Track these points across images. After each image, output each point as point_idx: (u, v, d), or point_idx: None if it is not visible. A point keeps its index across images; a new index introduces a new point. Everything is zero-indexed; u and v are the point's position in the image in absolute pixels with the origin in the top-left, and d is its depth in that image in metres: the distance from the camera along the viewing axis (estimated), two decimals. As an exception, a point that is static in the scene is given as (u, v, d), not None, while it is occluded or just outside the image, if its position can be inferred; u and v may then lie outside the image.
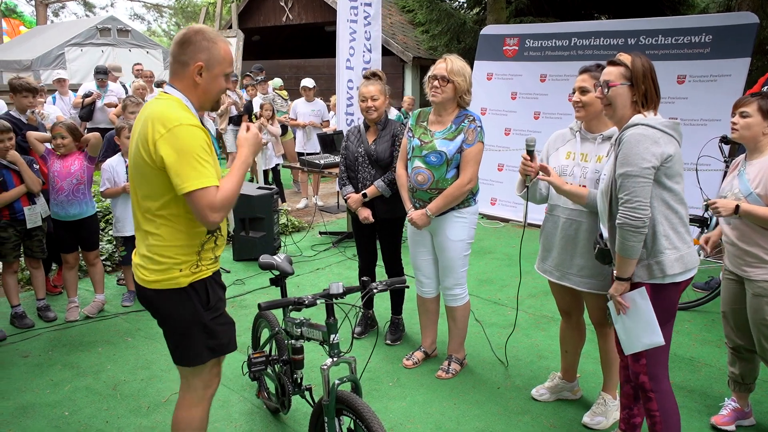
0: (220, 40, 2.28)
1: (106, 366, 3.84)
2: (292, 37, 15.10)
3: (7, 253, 4.33)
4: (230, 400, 3.44)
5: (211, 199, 2.12)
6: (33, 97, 4.91)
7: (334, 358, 2.44)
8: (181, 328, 2.33)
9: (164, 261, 2.25)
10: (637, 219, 2.35)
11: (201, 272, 2.32)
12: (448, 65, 3.32)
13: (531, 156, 2.95)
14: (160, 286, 2.27)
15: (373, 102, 3.83)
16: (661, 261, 2.43)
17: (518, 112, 7.83)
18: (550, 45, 7.63)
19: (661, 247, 2.43)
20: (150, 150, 2.13)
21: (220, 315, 2.42)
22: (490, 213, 7.75)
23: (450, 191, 3.37)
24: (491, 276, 5.54)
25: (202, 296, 2.32)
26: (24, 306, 4.54)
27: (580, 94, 2.88)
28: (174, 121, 2.12)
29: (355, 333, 4.23)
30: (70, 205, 4.45)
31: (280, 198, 8.28)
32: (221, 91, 2.35)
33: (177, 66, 2.26)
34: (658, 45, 6.69)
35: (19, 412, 3.32)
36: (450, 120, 3.42)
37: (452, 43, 10.70)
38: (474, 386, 3.57)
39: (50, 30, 15.20)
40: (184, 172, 2.10)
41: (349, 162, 4.05)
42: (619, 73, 2.46)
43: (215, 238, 2.37)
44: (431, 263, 3.68)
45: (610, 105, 2.50)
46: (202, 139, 2.16)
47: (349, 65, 7.44)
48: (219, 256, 2.44)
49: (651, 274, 2.46)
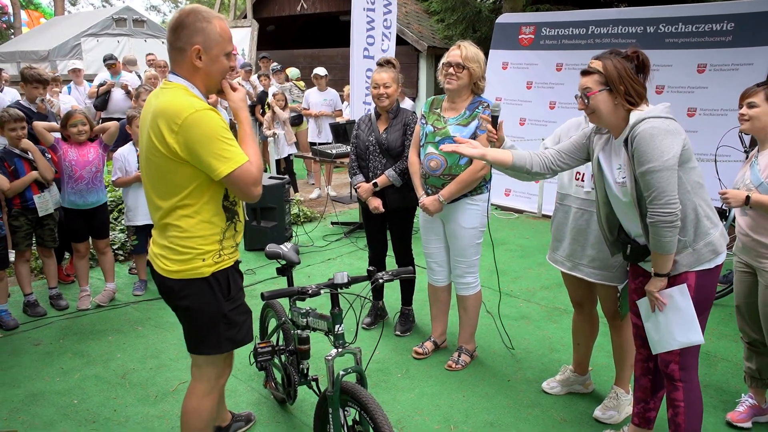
0: (214, 18, 2.19)
1: (116, 355, 3.85)
2: (306, 27, 15.04)
3: (20, 242, 4.35)
4: (238, 389, 3.42)
5: (251, 174, 2.14)
6: (43, 88, 4.93)
7: (338, 349, 2.40)
8: (202, 317, 2.30)
9: (187, 251, 2.21)
10: (670, 214, 2.24)
11: (223, 261, 2.29)
12: (462, 52, 3.26)
13: (495, 123, 2.76)
14: (183, 275, 2.24)
15: (386, 89, 3.78)
16: (711, 242, 2.36)
17: (533, 101, 7.72)
18: (566, 33, 7.50)
19: (705, 228, 2.36)
20: (169, 144, 2.08)
21: (240, 305, 2.39)
22: (504, 204, 7.67)
23: (463, 177, 3.31)
24: (504, 267, 5.46)
25: (223, 286, 2.30)
26: (36, 294, 4.57)
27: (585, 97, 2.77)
28: (187, 110, 2.06)
29: (365, 324, 4.21)
30: (89, 193, 4.47)
31: (292, 188, 8.28)
32: (225, 71, 2.25)
33: (175, 53, 2.19)
34: (677, 33, 6.54)
35: (30, 400, 3.33)
36: (464, 106, 3.37)
37: (467, 32, 10.58)
38: (484, 378, 3.52)
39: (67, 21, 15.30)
40: (215, 156, 2.07)
41: (359, 151, 4.01)
42: (594, 80, 2.40)
43: (234, 224, 2.34)
44: (443, 251, 3.63)
45: (594, 113, 2.43)
46: (219, 121, 2.11)
47: (368, 54, 7.38)
48: (239, 244, 2.41)
49: (700, 258, 2.36)
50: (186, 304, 2.28)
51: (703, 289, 2.40)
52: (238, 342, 2.39)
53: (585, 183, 2.92)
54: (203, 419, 2.43)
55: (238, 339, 2.38)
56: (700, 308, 2.40)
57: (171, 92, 2.16)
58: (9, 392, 3.41)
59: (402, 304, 4.23)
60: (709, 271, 2.39)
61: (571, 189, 2.98)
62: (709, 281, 2.42)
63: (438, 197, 3.38)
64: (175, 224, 2.19)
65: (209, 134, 2.06)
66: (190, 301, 2.27)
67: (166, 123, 2.07)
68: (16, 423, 3.11)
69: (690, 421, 2.48)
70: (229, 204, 2.29)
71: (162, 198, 2.20)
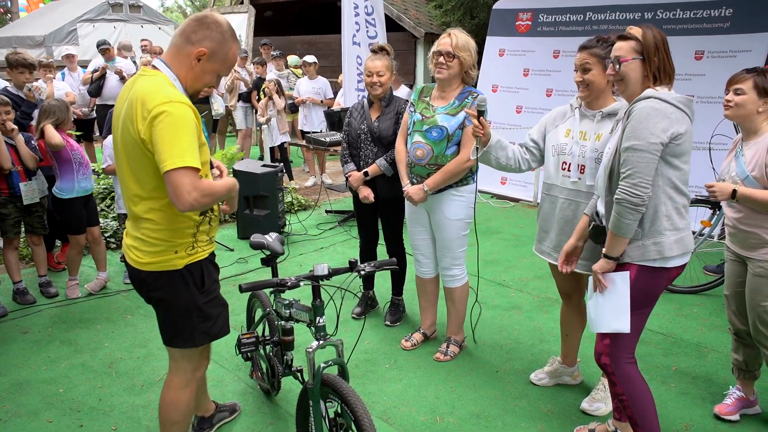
0: (233, 42, 2.22)
1: (104, 343, 3.84)
2: (304, 13, 14.89)
3: (8, 230, 4.33)
4: (224, 379, 3.41)
5: (191, 181, 1.98)
6: (30, 72, 4.87)
7: (320, 341, 2.38)
8: (175, 310, 2.29)
9: (159, 243, 2.19)
10: (637, 196, 2.24)
11: (197, 254, 2.27)
12: (453, 40, 3.20)
13: (481, 117, 2.83)
14: (155, 268, 2.22)
15: (379, 77, 3.72)
16: (660, 242, 2.33)
17: (530, 89, 7.64)
18: (564, 20, 7.41)
19: (661, 227, 2.33)
20: (139, 131, 2.03)
21: (215, 297, 2.38)
22: (499, 192, 7.63)
23: (449, 167, 3.27)
24: (497, 257, 5.44)
25: (197, 278, 2.28)
26: (26, 282, 4.55)
27: (582, 72, 2.74)
28: (161, 99, 2.01)
29: (355, 313, 4.19)
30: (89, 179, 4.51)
31: (287, 176, 8.23)
32: (208, 85, 2.28)
33: (181, 41, 2.16)
34: (675, 19, 6.46)
35: (15, 389, 3.32)
36: (453, 96, 3.32)
37: (465, 19, 10.45)
38: (472, 369, 3.51)
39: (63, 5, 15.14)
40: (168, 149, 1.98)
41: (351, 139, 3.96)
42: (630, 47, 2.33)
43: (209, 219, 2.32)
44: (429, 242, 3.60)
45: (622, 80, 2.37)
46: (190, 119, 2.05)
47: (356, 41, 7.31)
48: (214, 237, 2.39)
49: (645, 255, 2.35)
50: (159, 296, 2.27)
51: (641, 284, 2.38)
52: (213, 335, 2.37)
53: (571, 173, 2.87)
54: (180, 411, 2.42)
55: (213, 332, 2.36)
56: (636, 303, 2.39)
57: (150, 80, 2.11)
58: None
59: (392, 294, 4.21)
60: (654, 270, 2.37)
61: (558, 179, 2.93)
62: (650, 279, 2.39)
63: (423, 186, 3.34)
64: (147, 217, 2.16)
65: (173, 126, 1.99)
66: (163, 293, 2.26)
67: (140, 110, 2.03)
68: (0, 412, 3.10)
69: (640, 414, 2.47)
70: None
71: (134, 189, 2.16)
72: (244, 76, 9.15)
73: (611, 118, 2.76)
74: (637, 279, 2.38)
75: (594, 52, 2.68)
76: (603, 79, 2.71)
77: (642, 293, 2.39)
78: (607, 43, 2.70)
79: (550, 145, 2.96)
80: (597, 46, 2.70)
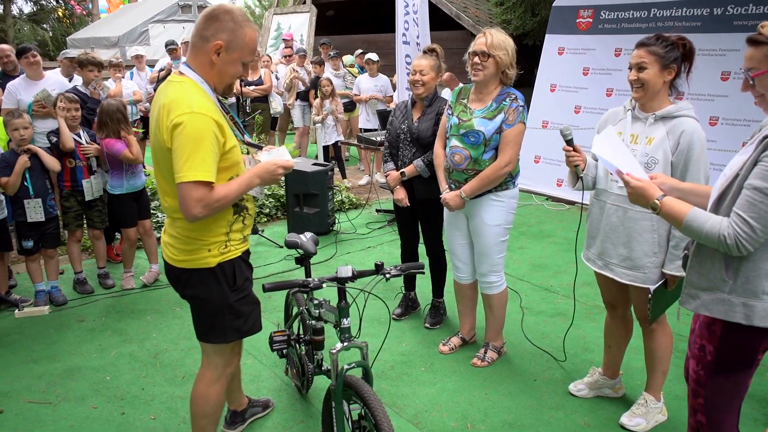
0: (247, 26, 2.20)
1: (152, 334, 3.99)
2: (365, 12, 14.99)
3: (70, 222, 4.57)
4: (261, 375, 3.47)
5: (198, 195, 2.05)
6: (98, 71, 5.13)
7: (344, 343, 2.38)
8: (207, 307, 2.34)
9: (193, 241, 2.25)
10: (745, 248, 1.84)
11: (230, 252, 2.32)
12: (488, 39, 3.14)
13: (571, 145, 2.75)
14: (189, 265, 2.28)
15: (422, 76, 3.69)
16: (752, 306, 1.90)
17: (590, 88, 7.40)
18: (626, 17, 7.12)
19: (758, 289, 1.89)
20: (164, 139, 2.11)
21: (247, 296, 2.41)
22: (555, 194, 7.43)
23: (486, 173, 3.21)
24: (546, 261, 5.30)
25: (229, 276, 2.32)
26: (86, 273, 4.78)
27: (637, 71, 2.61)
28: (183, 109, 2.06)
29: (395, 314, 4.18)
30: (139, 177, 4.69)
31: (340, 174, 8.31)
32: (236, 77, 2.28)
33: (198, 40, 2.20)
34: (747, 15, 6.09)
35: (67, 374, 3.50)
36: (491, 98, 3.25)
37: (527, 16, 10.25)
38: (509, 376, 3.43)
39: (138, 8, 15.86)
40: (183, 160, 2.05)
41: (391, 138, 3.96)
42: (763, 55, 1.84)
43: (243, 218, 2.36)
44: (467, 248, 3.54)
45: (762, 96, 1.91)
46: (208, 130, 2.08)
47: (405, 40, 7.28)
48: (247, 236, 2.43)
49: (728, 314, 1.94)
50: (192, 293, 2.33)
51: (737, 341, 1.97)
52: (243, 332, 2.41)
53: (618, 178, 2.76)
54: (211, 405, 2.47)
55: (244, 329, 2.40)
56: (728, 363, 2.01)
57: (178, 86, 2.16)
58: (49, 366, 3.59)
59: (433, 296, 4.17)
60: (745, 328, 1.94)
61: (606, 184, 2.83)
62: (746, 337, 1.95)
63: (460, 193, 3.28)
64: (180, 216, 2.21)
65: (191, 138, 2.04)
66: (195, 290, 2.31)
67: (165, 119, 2.09)
68: (51, 395, 3.28)
69: None
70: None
71: (167, 189, 2.23)
72: (302, 75, 9.29)
73: (665, 122, 2.63)
74: (726, 337, 1.97)
75: (652, 50, 2.56)
76: (659, 79, 2.59)
77: (735, 351, 1.99)
78: (667, 42, 2.58)
79: None
80: (656, 44, 2.57)
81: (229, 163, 2.22)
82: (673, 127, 2.59)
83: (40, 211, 4.20)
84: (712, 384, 2.04)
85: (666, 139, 2.59)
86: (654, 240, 2.68)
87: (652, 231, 2.67)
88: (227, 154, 2.19)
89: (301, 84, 9.24)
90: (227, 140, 2.18)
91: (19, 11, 20.39)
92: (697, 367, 2.08)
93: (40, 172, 4.27)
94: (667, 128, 2.61)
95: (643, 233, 2.68)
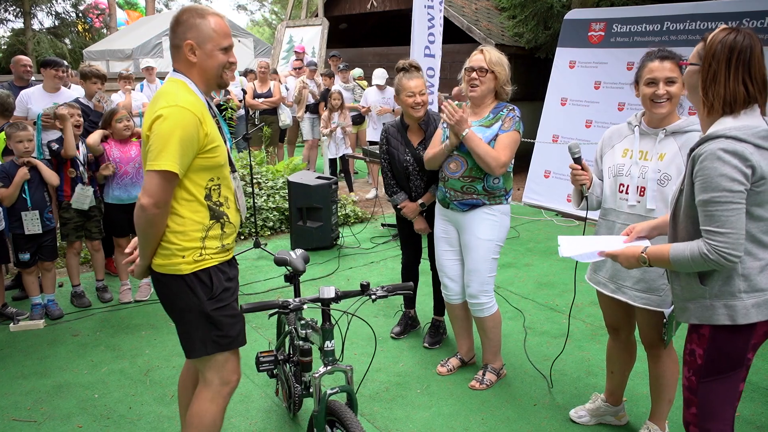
0: (209, 15, 2.22)
1: (145, 350, 3.91)
2: (378, 25, 14.99)
3: (69, 233, 4.52)
4: (252, 395, 3.38)
5: (157, 185, 2.08)
6: (101, 83, 5.10)
7: (327, 366, 2.28)
8: (180, 315, 2.30)
9: (168, 246, 2.21)
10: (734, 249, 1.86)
11: (205, 261, 2.25)
12: (486, 56, 3.09)
13: (579, 163, 2.67)
14: (163, 270, 2.24)
15: (421, 97, 3.58)
16: (732, 306, 1.94)
17: (601, 102, 7.28)
18: (639, 30, 7.01)
19: (735, 288, 1.93)
20: (145, 127, 2.15)
21: (226, 306, 2.33)
22: (564, 210, 7.30)
23: (485, 147, 3.06)
24: (553, 279, 5.16)
25: (206, 285, 2.26)
26: (85, 285, 4.74)
27: (666, 85, 2.49)
28: (171, 101, 2.11)
29: (393, 333, 4.07)
30: (133, 188, 4.59)
31: (348, 187, 8.24)
32: (221, 66, 2.26)
33: (173, 50, 2.26)
34: (763, 28, 5.95)
35: (55, 391, 3.43)
36: (487, 111, 3.17)
37: (538, 29, 10.14)
38: (508, 401, 3.30)
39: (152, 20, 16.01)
40: (156, 150, 2.08)
41: (397, 171, 3.77)
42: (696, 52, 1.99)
43: (221, 225, 2.29)
44: (457, 264, 3.41)
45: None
46: (189, 125, 2.10)
47: (429, 53, 7.21)
48: (227, 246, 2.35)
49: (713, 318, 1.97)
50: (164, 299, 2.30)
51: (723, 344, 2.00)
52: (223, 345, 2.32)
53: (629, 196, 2.64)
54: (204, 423, 2.37)
55: (224, 342, 2.32)
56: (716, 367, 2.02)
57: (173, 85, 2.22)
58: (38, 382, 3.52)
59: (434, 314, 4.06)
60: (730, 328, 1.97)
61: (614, 203, 2.70)
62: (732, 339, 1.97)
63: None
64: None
65: (169, 129, 2.07)
66: (168, 296, 2.28)
67: (150, 110, 2.14)
68: (37, 413, 3.20)
69: None
70: (212, 204, 2.26)
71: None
72: (312, 87, 9.27)
73: (676, 137, 2.55)
74: (713, 339, 1.99)
75: (678, 64, 2.49)
76: (681, 93, 2.52)
77: (723, 352, 1.99)
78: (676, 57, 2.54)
79: (607, 166, 2.76)
80: (678, 58, 2.51)
81: (212, 163, 2.22)
82: (685, 142, 2.50)
83: (38, 223, 4.17)
84: (703, 390, 2.04)
85: (678, 154, 2.51)
86: None
87: None
88: (209, 153, 2.19)
89: (311, 97, 9.21)
90: (210, 139, 2.18)
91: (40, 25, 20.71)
92: (688, 373, 2.07)
93: (39, 185, 4.24)
94: (679, 143, 2.53)
95: None
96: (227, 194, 2.32)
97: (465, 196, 3.21)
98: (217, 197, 2.26)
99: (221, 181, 2.28)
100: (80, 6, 21.11)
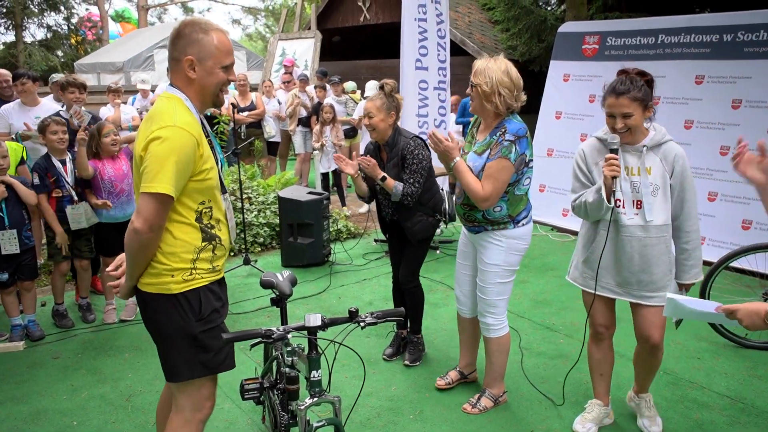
0: (213, 30, 2.13)
1: (127, 374, 3.76)
2: (371, 38, 14.97)
3: (56, 253, 4.37)
4: (238, 421, 3.24)
5: (150, 208, 2.01)
6: (80, 92, 4.95)
7: (314, 398, 2.15)
8: (165, 336, 2.19)
9: (157, 265, 2.13)
10: None
11: (195, 281, 2.16)
12: (473, 66, 2.98)
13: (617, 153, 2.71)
14: (151, 289, 2.15)
15: (369, 120, 3.53)
16: None
17: (596, 116, 7.19)
18: (633, 43, 6.95)
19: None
20: (139, 147, 2.05)
21: (215, 328, 2.22)
22: (560, 225, 7.20)
23: (470, 179, 2.95)
24: (549, 297, 5.05)
25: (194, 305, 2.16)
26: (68, 304, 4.58)
27: (623, 119, 2.66)
28: (167, 120, 2.03)
29: (386, 354, 3.95)
30: (129, 205, 4.46)
31: (340, 202, 8.13)
32: (220, 84, 2.19)
33: (172, 63, 2.16)
34: (758, 41, 5.89)
35: (32, 418, 3.28)
36: (490, 130, 3.06)
37: (533, 42, 10.13)
38: (504, 426, 3.17)
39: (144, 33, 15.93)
40: (151, 171, 2.00)
41: (369, 182, 3.74)
42: None
43: (213, 246, 2.21)
44: (470, 280, 3.32)
45: None
46: (187, 146, 2.03)
47: (421, 65, 7.14)
48: (218, 267, 2.26)
49: None
50: (149, 318, 2.19)
51: None
52: (211, 368, 2.22)
53: (626, 210, 2.77)
54: None
55: (212, 365, 2.22)
56: None
57: (167, 102, 2.13)
58: (15, 408, 3.38)
59: (410, 333, 3.93)
60: None
61: (615, 216, 2.78)
62: None
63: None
64: None
65: (167, 151, 1.99)
66: (154, 315, 2.17)
67: (146, 130, 2.05)
68: (12, 443, 3.06)
69: None
70: (204, 226, 2.18)
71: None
72: (304, 100, 9.17)
73: (655, 150, 2.72)
74: None
75: (632, 97, 2.65)
76: (642, 118, 2.68)
77: None
78: (638, 83, 2.66)
79: (598, 185, 2.76)
80: (633, 90, 2.63)
81: (204, 186, 2.14)
82: (664, 153, 2.72)
83: (15, 243, 4.02)
84: None
85: (661, 165, 2.71)
86: (669, 259, 2.78)
87: (667, 252, 2.76)
88: (201, 175, 2.10)
89: (303, 110, 9.12)
90: (205, 160, 2.10)
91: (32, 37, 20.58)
92: None
93: (17, 203, 4.10)
94: (660, 155, 2.72)
95: (660, 256, 2.75)
96: (219, 216, 2.24)
97: (468, 222, 3.16)
98: (208, 220, 2.19)
99: (213, 203, 2.21)
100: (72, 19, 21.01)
